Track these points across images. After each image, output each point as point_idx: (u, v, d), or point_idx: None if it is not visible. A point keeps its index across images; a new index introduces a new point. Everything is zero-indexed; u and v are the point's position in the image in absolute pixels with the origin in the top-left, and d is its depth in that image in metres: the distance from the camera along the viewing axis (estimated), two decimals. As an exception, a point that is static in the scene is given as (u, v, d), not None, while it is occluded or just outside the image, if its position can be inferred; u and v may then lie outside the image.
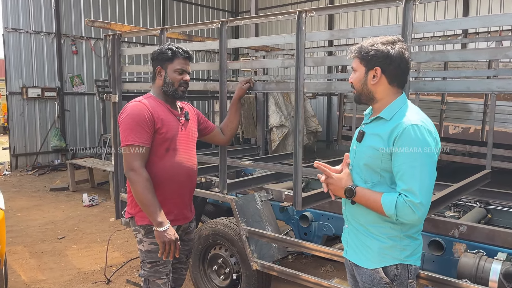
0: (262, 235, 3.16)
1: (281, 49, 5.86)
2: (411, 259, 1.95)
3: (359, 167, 1.99)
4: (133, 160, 2.44)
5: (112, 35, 4.06)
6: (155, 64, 2.66)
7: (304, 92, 2.81)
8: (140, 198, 2.43)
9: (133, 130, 2.47)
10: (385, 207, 1.83)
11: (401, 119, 1.86)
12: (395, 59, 1.89)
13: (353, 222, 2.06)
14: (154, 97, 2.65)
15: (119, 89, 4.07)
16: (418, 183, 1.78)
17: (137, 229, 2.65)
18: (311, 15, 2.76)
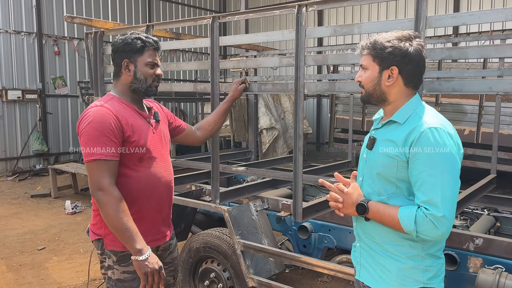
0: (259, 250, 2.91)
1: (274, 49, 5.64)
2: (435, 281, 1.72)
3: (371, 177, 1.78)
4: (100, 178, 2.06)
5: (94, 32, 3.78)
6: (120, 57, 2.23)
7: (304, 94, 2.57)
8: (113, 223, 2.06)
9: (97, 141, 2.07)
10: (403, 222, 1.62)
11: (418, 122, 1.66)
12: (414, 57, 1.68)
13: (366, 240, 1.83)
14: (117, 98, 2.25)
15: (102, 91, 3.79)
16: (439, 194, 1.57)
17: (107, 254, 2.26)
18: (312, 9, 2.52)
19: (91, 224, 2.35)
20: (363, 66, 1.78)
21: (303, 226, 3.19)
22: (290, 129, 10.63)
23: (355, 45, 1.90)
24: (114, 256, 2.24)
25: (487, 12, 2.01)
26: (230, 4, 15.93)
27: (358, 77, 1.81)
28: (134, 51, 2.22)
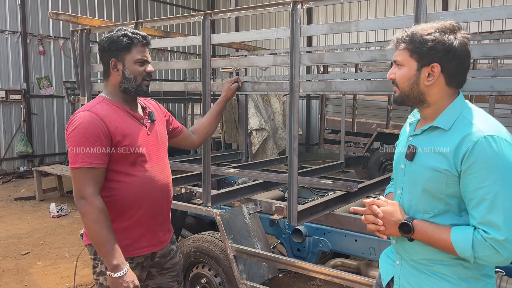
0: (253, 254, 2.81)
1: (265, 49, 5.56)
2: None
3: (413, 193, 1.57)
4: (83, 186, 1.96)
5: (80, 30, 3.65)
6: (107, 57, 2.12)
7: (299, 93, 2.49)
8: (92, 235, 1.96)
9: (82, 148, 1.97)
10: (458, 247, 1.43)
11: (468, 128, 1.44)
12: (459, 53, 1.46)
13: (409, 259, 1.62)
14: (108, 99, 2.14)
15: (88, 91, 3.66)
16: (501, 214, 1.37)
17: (99, 259, 2.16)
18: (307, 6, 2.44)
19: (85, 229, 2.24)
20: (398, 62, 1.56)
21: (297, 229, 3.11)
22: (280, 130, 10.56)
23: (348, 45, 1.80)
24: None
25: (489, 9, 1.95)
26: (219, 4, 15.82)
27: (391, 74, 1.60)
28: (121, 49, 2.09)
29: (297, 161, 2.56)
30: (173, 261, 2.43)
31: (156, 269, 2.39)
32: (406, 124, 1.73)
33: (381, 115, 7.99)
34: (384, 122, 7.97)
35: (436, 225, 1.49)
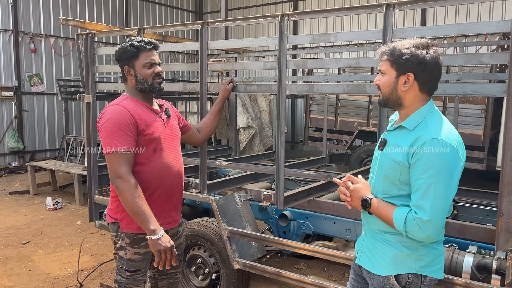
0: (244, 235, 3.20)
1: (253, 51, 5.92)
2: (427, 270, 1.88)
3: (379, 177, 1.95)
4: (118, 167, 2.32)
5: (86, 34, 3.98)
6: (122, 65, 2.51)
7: (286, 94, 2.88)
8: (130, 207, 2.32)
9: (115, 135, 2.34)
10: (395, 222, 1.80)
11: (424, 131, 1.78)
12: (430, 65, 1.78)
13: (369, 229, 2.01)
14: (131, 97, 2.52)
15: (92, 89, 3.99)
16: (430, 201, 1.72)
17: (120, 236, 2.54)
18: (293, 19, 2.83)
19: (108, 209, 2.62)
20: (381, 71, 1.88)
21: (283, 214, 3.51)
22: (266, 128, 10.97)
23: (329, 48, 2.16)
24: (127, 238, 2.52)
25: (443, 27, 2.36)
26: (207, 4, 16.14)
27: (377, 81, 1.92)
28: (130, 57, 2.46)
29: (283, 153, 2.96)
30: (179, 241, 2.80)
31: None
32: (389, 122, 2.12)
33: (362, 114, 8.44)
34: (365, 120, 8.43)
35: (387, 204, 1.87)
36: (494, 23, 2.19)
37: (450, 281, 2.42)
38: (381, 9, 2.48)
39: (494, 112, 6.96)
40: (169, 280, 2.86)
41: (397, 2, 2.43)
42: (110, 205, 2.66)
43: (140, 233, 2.50)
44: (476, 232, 2.73)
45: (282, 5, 13.82)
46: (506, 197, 2.22)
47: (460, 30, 2.31)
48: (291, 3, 13.56)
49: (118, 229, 2.56)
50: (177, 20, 15.38)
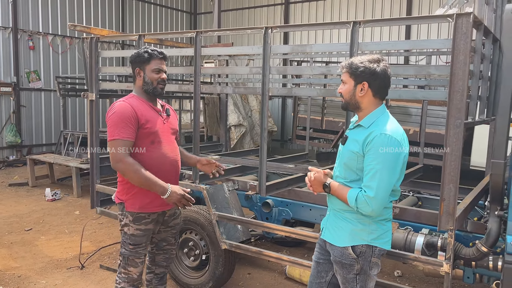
0: (231, 219, 3.65)
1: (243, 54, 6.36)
2: (377, 242, 2.32)
3: (340, 166, 2.39)
4: (118, 152, 2.75)
5: (90, 38, 4.39)
6: (134, 67, 2.96)
7: (269, 95, 3.33)
8: (137, 180, 2.78)
9: (118, 126, 2.78)
10: (349, 200, 2.24)
11: (375, 128, 2.22)
12: (380, 75, 2.23)
13: (332, 208, 2.45)
14: (136, 96, 2.96)
15: (96, 88, 4.41)
16: (376, 181, 2.15)
17: (125, 214, 2.97)
18: (275, 31, 3.28)
19: (116, 192, 3.07)
20: (343, 80, 2.31)
21: (266, 202, 3.95)
22: (257, 127, 11.41)
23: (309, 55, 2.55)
24: (130, 216, 2.96)
25: (399, 42, 2.82)
26: (201, 4, 16.52)
27: (340, 89, 2.35)
28: (143, 61, 2.92)
29: (266, 146, 3.41)
30: (176, 221, 3.25)
31: (163, 226, 3.19)
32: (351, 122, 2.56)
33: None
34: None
35: (343, 187, 2.31)
36: (440, 41, 2.64)
37: (403, 256, 2.88)
38: (349, 26, 2.93)
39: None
40: (165, 255, 3.29)
41: (363, 20, 2.89)
42: (118, 188, 3.09)
43: (141, 212, 2.94)
44: (429, 216, 3.19)
45: (274, 7, 14.24)
46: (447, 185, 2.67)
47: (412, 45, 2.77)
48: (283, 6, 13.99)
49: (123, 208, 3.01)
50: (172, 20, 15.76)
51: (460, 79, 2.58)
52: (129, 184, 2.95)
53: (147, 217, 2.98)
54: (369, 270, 2.33)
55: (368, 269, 2.33)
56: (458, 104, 2.60)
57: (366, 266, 2.32)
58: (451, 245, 2.71)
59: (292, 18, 13.81)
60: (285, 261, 3.35)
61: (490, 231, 2.73)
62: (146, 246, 3.08)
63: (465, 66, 2.56)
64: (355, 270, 2.32)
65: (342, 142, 2.42)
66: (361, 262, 2.31)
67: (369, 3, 12.40)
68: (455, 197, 2.66)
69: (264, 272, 4.66)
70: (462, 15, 2.53)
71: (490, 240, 2.73)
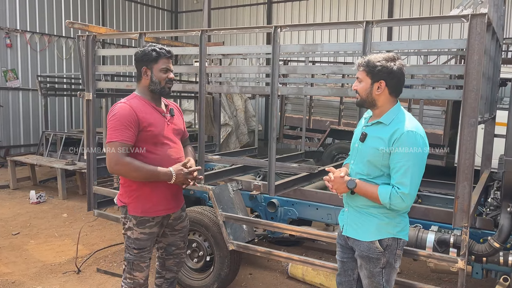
0: (238, 219, 3.61)
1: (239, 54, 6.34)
2: (401, 234, 2.39)
3: (362, 163, 2.39)
4: (115, 154, 2.65)
5: (87, 36, 4.28)
6: (140, 65, 2.85)
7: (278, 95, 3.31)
8: (140, 176, 2.72)
9: (117, 129, 2.69)
10: (381, 197, 2.26)
11: (399, 125, 2.26)
12: (397, 74, 2.27)
13: (353, 205, 2.45)
14: (139, 96, 2.86)
15: (93, 87, 4.29)
16: (409, 178, 2.21)
17: (129, 218, 2.89)
18: (285, 30, 3.26)
19: (119, 194, 2.97)
20: (359, 78, 2.34)
21: (271, 201, 3.94)
22: (242, 126, 11.39)
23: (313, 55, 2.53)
24: (134, 220, 2.88)
25: (412, 42, 2.85)
26: (182, 2, 16.35)
27: (355, 86, 2.37)
28: (151, 60, 2.82)
29: (275, 146, 3.39)
30: (182, 224, 3.18)
31: (169, 230, 3.12)
32: (362, 119, 2.59)
33: (334, 113, 8.98)
34: (337, 119, 8.97)
35: (370, 184, 2.34)
36: (453, 41, 2.69)
37: (416, 253, 2.92)
38: (362, 25, 2.95)
39: (454, 113, 7.63)
40: (175, 260, 3.23)
41: (375, 20, 2.91)
42: (119, 190, 3.01)
43: (145, 216, 2.88)
44: (438, 214, 3.24)
45: (257, 7, 14.24)
46: (461, 183, 2.72)
47: (425, 46, 2.80)
48: (265, 5, 13.99)
49: (126, 211, 2.92)
50: (152, 18, 15.54)
51: (474, 78, 2.63)
52: (131, 186, 2.88)
53: (151, 220, 2.91)
54: (394, 263, 2.39)
55: (393, 262, 2.39)
56: (473, 104, 2.65)
57: (392, 259, 2.38)
58: (466, 241, 2.76)
59: (274, 18, 13.85)
60: (295, 261, 3.34)
61: (502, 227, 2.80)
62: (151, 250, 3.02)
63: (479, 66, 2.61)
64: (381, 263, 2.37)
65: (361, 139, 2.42)
66: (387, 255, 2.37)
67: (351, 3, 12.55)
68: (469, 194, 2.71)
69: (266, 272, 4.64)
70: (476, 15, 2.58)
71: (503, 236, 2.80)
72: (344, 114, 9.01)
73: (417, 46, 2.72)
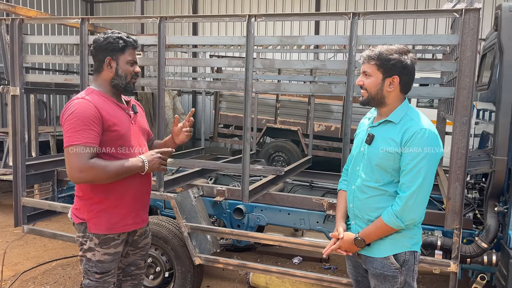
0: (207, 230, 3.24)
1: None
2: (417, 246, 2.14)
3: (370, 167, 2.12)
4: (79, 160, 2.19)
5: (11, 19, 3.60)
6: (102, 55, 2.38)
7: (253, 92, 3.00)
8: (111, 175, 2.26)
9: (78, 130, 2.22)
10: (390, 223, 2.03)
11: (411, 122, 2.03)
12: (410, 69, 2.05)
13: (363, 218, 2.16)
14: (97, 91, 2.40)
15: (21, 81, 3.63)
16: (419, 181, 1.97)
17: (88, 237, 2.41)
18: (259, 20, 2.95)
19: (74, 209, 2.46)
20: (367, 72, 2.07)
21: (238, 208, 3.61)
22: (170, 124, 10.80)
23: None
24: (96, 238, 2.40)
25: (402, 36, 2.70)
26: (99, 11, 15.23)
27: (360, 81, 2.11)
28: (117, 50, 2.36)
29: (249, 148, 3.07)
30: (146, 241, 2.73)
31: (131, 248, 2.67)
32: (365, 119, 2.32)
33: (270, 111, 8.85)
34: (273, 118, 8.85)
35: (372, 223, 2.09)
36: (445, 37, 2.59)
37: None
38: (347, 17, 2.74)
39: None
40: (133, 282, 2.78)
41: (362, 12, 2.71)
42: (75, 204, 2.50)
43: (109, 233, 2.42)
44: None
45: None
46: (453, 184, 2.64)
47: (416, 40, 2.67)
48: (192, -1, 13.49)
49: (85, 229, 2.43)
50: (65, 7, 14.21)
51: (467, 76, 2.55)
52: (92, 199, 2.40)
53: (117, 238, 2.45)
54: (412, 282, 2.13)
55: (412, 281, 2.13)
56: (465, 102, 2.57)
57: (410, 277, 2.12)
58: (458, 244, 2.68)
59: (201, 10, 13.38)
60: (273, 273, 3.05)
61: (490, 227, 2.77)
62: (114, 273, 2.55)
63: (472, 63, 2.53)
64: (399, 283, 2.10)
65: (368, 142, 2.16)
66: (404, 273, 2.10)
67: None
68: (461, 195, 2.63)
69: (224, 282, 4.30)
70: (470, 10, 2.50)
71: (490, 236, 2.77)
72: (280, 112, 8.92)
73: (407, 41, 2.59)
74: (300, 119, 8.84)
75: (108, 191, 2.39)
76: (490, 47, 3.19)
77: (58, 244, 5.23)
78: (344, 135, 2.82)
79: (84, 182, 2.29)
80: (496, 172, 2.67)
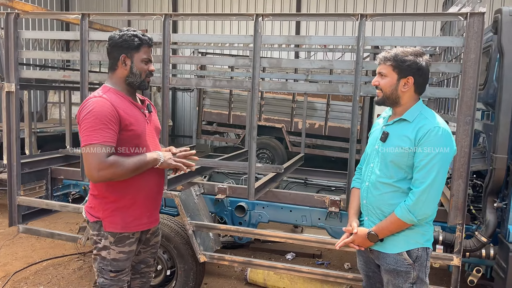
0: (212, 228, 3.25)
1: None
2: (429, 243, 2.21)
3: (384, 164, 2.20)
4: (98, 159, 2.19)
5: (6, 13, 3.50)
6: (117, 52, 2.37)
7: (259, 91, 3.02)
8: (131, 170, 2.27)
9: (96, 129, 2.21)
10: (402, 217, 2.09)
11: (425, 121, 2.11)
12: (425, 71, 2.14)
13: (377, 213, 2.23)
14: (114, 89, 2.38)
15: (16, 77, 3.54)
16: (431, 178, 2.04)
17: (103, 235, 2.41)
18: (267, 19, 2.98)
19: (89, 207, 2.45)
20: (382, 73, 2.16)
21: (240, 205, 3.63)
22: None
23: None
24: (112, 237, 2.39)
25: (407, 38, 2.78)
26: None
27: (375, 81, 2.19)
28: (132, 47, 2.35)
29: (255, 147, 3.09)
30: (157, 239, 2.75)
31: (143, 246, 2.67)
32: (380, 118, 2.40)
33: (255, 109, 8.88)
34: (257, 115, 8.87)
35: (385, 219, 2.17)
36: (450, 39, 2.69)
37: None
38: (355, 18, 2.80)
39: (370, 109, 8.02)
40: (142, 280, 2.79)
41: (370, 14, 2.78)
42: (89, 203, 2.49)
43: (125, 232, 2.42)
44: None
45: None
46: (456, 181, 2.74)
47: (421, 42, 2.75)
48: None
49: (100, 228, 2.43)
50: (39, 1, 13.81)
51: (471, 77, 2.65)
52: (107, 198, 2.39)
53: (131, 236, 2.46)
54: (424, 277, 2.20)
55: (424, 276, 2.20)
56: (469, 102, 2.68)
57: (422, 272, 2.19)
58: (461, 239, 2.79)
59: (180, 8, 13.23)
60: (280, 269, 3.10)
61: (489, 222, 2.89)
62: (129, 272, 2.56)
63: (475, 64, 2.64)
64: (411, 278, 2.17)
65: (383, 139, 2.23)
66: (417, 268, 2.18)
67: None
68: (464, 192, 2.74)
69: (221, 279, 4.32)
70: (474, 14, 2.60)
71: (489, 231, 2.89)
72: (265, 110, 8.97)
73: (412, 43, 2.66)
74: (284, 116, 8.91)
75: (123, 190, 2.39)
76: (485, 49, 3.31)
77: (46, 243, 5.12)
78: (351, 134, 2.88)
79: (103, 181, 2.27)
80: (496, 170, 2.80)
